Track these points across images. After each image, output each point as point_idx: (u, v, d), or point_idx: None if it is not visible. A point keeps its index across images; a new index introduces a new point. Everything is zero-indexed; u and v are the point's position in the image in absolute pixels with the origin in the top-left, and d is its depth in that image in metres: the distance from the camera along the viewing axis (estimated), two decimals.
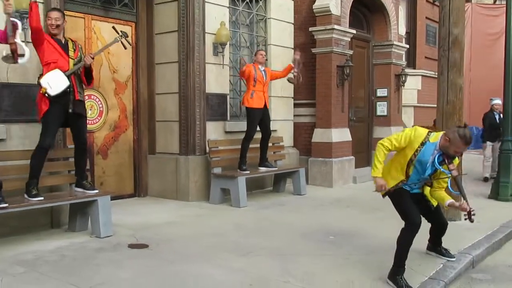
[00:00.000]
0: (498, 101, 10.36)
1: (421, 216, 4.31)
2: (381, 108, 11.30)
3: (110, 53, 7.41)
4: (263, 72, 7.63)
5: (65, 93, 5.24)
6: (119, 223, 6.01)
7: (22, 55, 4.78)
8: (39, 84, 5.22)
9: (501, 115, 9.73)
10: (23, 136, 5.69)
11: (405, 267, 4.13)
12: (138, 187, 7.96)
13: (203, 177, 7.70)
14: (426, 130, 4.21)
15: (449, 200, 4.36)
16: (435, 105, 6.78)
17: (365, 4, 10.72)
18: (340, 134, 9.62)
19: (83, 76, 5.52)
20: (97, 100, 7.31)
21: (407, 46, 11.94)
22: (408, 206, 4.23)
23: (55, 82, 5.17)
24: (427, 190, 4.52)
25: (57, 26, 5.32)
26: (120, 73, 7.60)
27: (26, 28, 5.57)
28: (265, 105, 7.63)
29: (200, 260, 4.72)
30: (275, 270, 4.44)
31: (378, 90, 11.25)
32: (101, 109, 7.39)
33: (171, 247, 5.18)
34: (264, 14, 9.09)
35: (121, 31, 5.90)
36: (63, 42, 5.41)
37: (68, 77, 5.28)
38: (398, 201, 4.30)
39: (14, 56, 4.72)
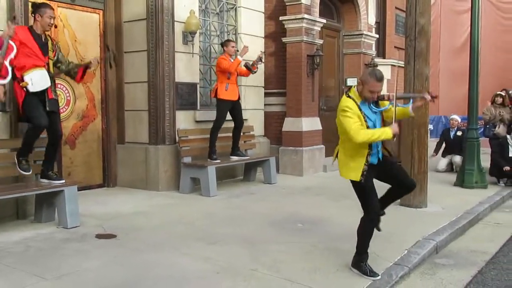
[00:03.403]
0: (454, 117, 10.67)
1: (388, 183, 4.38)
2: None
3: (77, 41, 7.28)
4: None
5: (42, 91, 5.30)
6: (87, 213, 5.96)
7: (4, 77, 4.83)
8: (15, 78, 5.17)
9: (457, 131, 10.33)
10: None
11: (368, 253, 4.19)
12: (107, 177, 7.88)
13: (173, 167, 7.67)
14: (349, 99, 4.01)
15: (409, 108, 4.13)
16: None
17: None
18: (311, 123, 9.69)
19: (80, 74, 5.74)
20: (64, 89, 7.18)
21: (377, 36, 12.07)
22: (371, 196, 4.14)
23: (38, 81, 5.21)
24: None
25: (55, 26, 5.36)
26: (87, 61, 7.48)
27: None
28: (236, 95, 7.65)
29: (169, 249, 4.72)
30: (243, 258, 4.47)
31: (348, 79, 11.32)
32: (68, 98, 7.28)
33: (140, 236, 5.16)
34: (234, 3, 9.04)
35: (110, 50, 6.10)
36: (43, 40, 5.37)
37: (51, 78, 5.35)
38: (362, 190, 4.17)
39: None
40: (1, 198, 5.14)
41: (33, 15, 5.43)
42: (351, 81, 11.27)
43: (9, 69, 4.86)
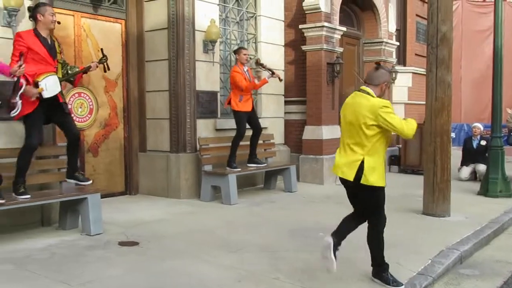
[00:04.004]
0: (476, 124, 10.54)
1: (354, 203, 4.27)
2: None
3: (99, 51, 7.37)
4: (246, 73, 7.59)
5: (52, 97, 5.26)
6: (110, 220, 6.01)
7: (14, 110, 4.95)
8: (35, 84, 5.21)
9: (480, 140, 10.15)
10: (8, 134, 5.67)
11: (389, 263, 4.12)
12: (128, 185, 7.96)
13: (194, 175, 7.70)
14: (373, 97, 3.99)
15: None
16: (425, 102, 6.82)
17: (355, 1, 10.76)
18: (331, 131, 9.65)
19: (79, 79, 5.75)
20: (87, 98, 7.29)
21: (397, 43, 12.01)
22: (384, 202, 4.04)
23: (51, 86, 5.19)
24: None
25: (58, 22, 5.37)
26: (110, 71, 7.55)
27: (15, 25, 5.57)
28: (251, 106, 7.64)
29: (190, 257, 4.73)
30: (264, 267, 4.46)
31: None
32: (91, 107, 7.38)
33: (162, 244, 5.19)
34: (254, 12, 9.09)
35: (104, 55, 5.86)
36: (49, 42, 5.30)
37: (61, 83, 5.35)
38: (380, 197, 4.03)
39: (6, 109, 4.90)
40: (27, 205, 5.23)
41: (31, 19, 5.35)
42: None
43: (19, 105, 4.94)
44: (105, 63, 5.82)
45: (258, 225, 6.08)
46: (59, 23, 5.44)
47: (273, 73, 7.75)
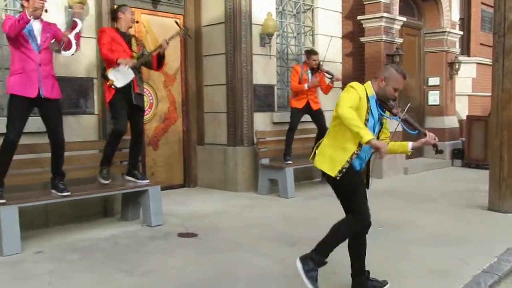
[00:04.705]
0: None
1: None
2: (433, 98, 11.03)
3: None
4: (307, 74, 7.50)
5: (128, 86, 5.49)
6: (169, 212, 6.15)
7: (67, 50, 4.91)
8: (104, 77, 5.48)
9: None
10: (77, 128, 5.90)
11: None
12: (187, 177, 8.10)
13: (251, 168, 7.74)
14: (360, 84, 3.55)
15: (409, 143, 3.71)
16: (491, 94, 6.54)
17: None
18: (391, 124, 9.41)
19: (155, 61, 5.83)
20: (148, 92, 7.47)
21: (461, 32, 11.56)
22: (363, 200, 3.63)
23: (122, 75, 5.42)
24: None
25: (137, 22, 5.58)
26: (169, 66, 7.73)
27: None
28: (308, 105, 7.52)
29: (248, 249, 4.77)
30: None
31: (429, 79, 10.98)
32: (151, 101, 7.56)
33: (220, 236, 5.26)
34: (311, 4, 9.00)
35: (184, 27, 6.19)
36: (127, 37, 5.65)
37: (133, 70, 5.50)
38: (352, 188, 3.57)
39: (62, 45, 4.85)
40: (91, 197, 5.44)
41: (113, 20, 5.77)
42: (433, 81, 10.92)
43: (73, 45, 4.94)
44: (186, 32, 6.20)
45: (315, 219, 6.04)
46: (137, 22, 5.68)
47: (332, 77, 7.61)
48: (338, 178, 3.50)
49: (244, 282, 3.94)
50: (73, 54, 5.00)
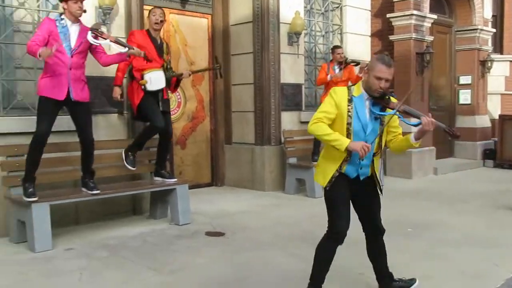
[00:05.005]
0: None
1: (356, 212, 3.57)
2: (464, 96, 10.83)
3: (187, 45, 7.59)
4: (336, 70, 7.46)
5: (157, 92, 5.57)
6: (197, 211, 6.18)
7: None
8: (132, 77, 5.54)
9: None
10: (106, 127, 5.97)
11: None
12: (215, 176, 8.13)
13: (279, 167, 7.72)
14: (345, 87, 3.42)
15: (411, 135, 3.37)
16: None
17: None
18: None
19: (173, 84, 5.93)
20: (176, 92, 7.51)
21: (494, 30, 11.31)
22: (336, 211, 3.40)
23: (156, 80, 5.50)
24: (377, 164, 3.45)
25: (161, 21, 5.62)
26: (197, 65, 7.76)
27: (108, 23, 5.85)
28: None
29: (275, 249, 4.75)
30: (350, 262, 4.38)
31: (461, 77, 10.78)
32: (179, 100, 7.61)
33: (247, 235, 5.25)
34: (339, 2, 8.92)
35: (218, 63, 6.25)
36: (158, 42, 5.65)
37: (166, 80, 5.60)
38: (328, 201, 3.43)
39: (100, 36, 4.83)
40: (120, 195, 5.51)
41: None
42: (465, 79, 10.71)
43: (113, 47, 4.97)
44: (218, 70, 6.24)
45: None
46: (161, 21, 5.65)
47: (358, 63, 7.56)
48: (327, 188, 3.38)
49: (271, 282, 3.93)
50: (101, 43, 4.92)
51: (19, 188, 4.75)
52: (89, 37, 4.73)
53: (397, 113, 3.27)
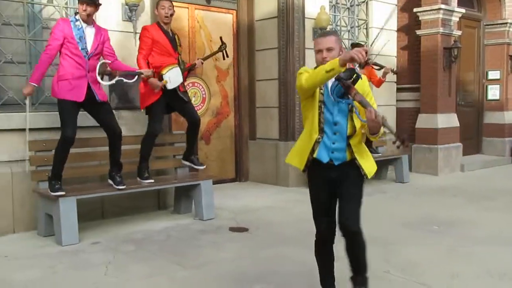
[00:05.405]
0: None
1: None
2: (493, 92, 10.62)
3: (212, 41, 7.61)
4: (357, 69, 7.37)
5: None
6: (221, 206, 6.21)
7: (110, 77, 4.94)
8: (146, 76, 5.49)
9: None
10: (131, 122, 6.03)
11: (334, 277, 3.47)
12: (239, 171, 8.15)
13: None
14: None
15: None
16: None
17: None
18: (447, 120, 9.17)
19: (185, 75, 5.82)
20: (200, 87, 7.56)
21: None
22: (317, 212, 3.30)
23: (174, 78, 5.49)
24: (359, 148, 3.11)
25: (171, 15, 5.56)
26: (221, 61, 7.76)
27: (135, 20, 5.90)
28: None
29: (299, 245, 4.73)
30: (375, 259, 4.32)
31: (489, 72, 10.57)
32: (204, 96, 7.64)
33: (271, 231, 5.26)
34: None
35: (223, 43, 6.13)
36: (171, 35, 5.59)
37: (182, 74, 5.60)
38: (311, 202, 3.34)
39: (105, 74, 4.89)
40: (145, 190, 5.57)
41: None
42: (493, 74, 10.51)
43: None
44: (224, 50, 6.11)
45: (369, 216, 5.88)
46: (171, 15, 5.57)
47: (381, 68, 7.51)
48: (305, 172, 3.20)
49: (295, 278, 3.93)
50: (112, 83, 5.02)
51: (47, 182, 4.84)
52: (99, 79, 4.77)
53: (353, 102, 2.94)
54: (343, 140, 3.06)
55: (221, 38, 6.23)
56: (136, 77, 5.14)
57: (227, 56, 6.26)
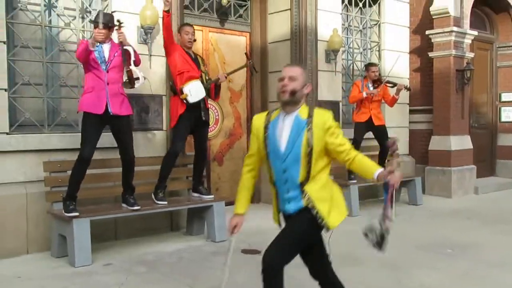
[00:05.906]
0: None
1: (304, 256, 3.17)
2: (507, 114, 10.57)
3: (225, 63, 7.69)
4: (370, 88, 7.41)
5: (198, 102, 5.64)
6: None
7: (137, 79, 5.02)
8: (174, 91, 5.65)
9: None
10: (145, 144, 6.09)
11: None
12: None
13: None
14: (263, 113, 3.11)
15: (376, 171, 2.94)
16: None
17: (488, 3, 10.08)
18: (460, 142, 9.12)
19: (213, 91, 5.94)
20: (214, 108, 7.62)
21: None
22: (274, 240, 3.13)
23: (195, 91, 5.58)
24: (318, 193, 2.94)
25: (194, 40, 5.77)
26: (235, 83, 7.86)
27: (150, 42, 6.00)
28: (371, 119, 7.40)
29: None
30: (387, 282, 4.32)
31: (503, 94, 10.53)
32: (217, 117, 7.69)
33: None
34: (378, 19, 8.90)
35: (249, 58, 6.30)
36: (193, 56, 5.78)
37: (205, 88, 5.68)
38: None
39: (131, 81, 4.99)
40: (158, 211, 5.59)
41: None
42: (507, 96, 10.47)
43: (138, 72, 5.00)
44: (253, 66, 6.32)
45: None
46: (195, 40, 5.78)
47: (394, 85, 7.52)
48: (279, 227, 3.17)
49: None
50: (143, 82, 5.14)
51: (61, 203, 4.89)
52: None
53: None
54: (294, 188, 2.94)
55: (246, 54, 6.37)
56: (142, 79, 5.09)
57: (256, 71, 6.38)
